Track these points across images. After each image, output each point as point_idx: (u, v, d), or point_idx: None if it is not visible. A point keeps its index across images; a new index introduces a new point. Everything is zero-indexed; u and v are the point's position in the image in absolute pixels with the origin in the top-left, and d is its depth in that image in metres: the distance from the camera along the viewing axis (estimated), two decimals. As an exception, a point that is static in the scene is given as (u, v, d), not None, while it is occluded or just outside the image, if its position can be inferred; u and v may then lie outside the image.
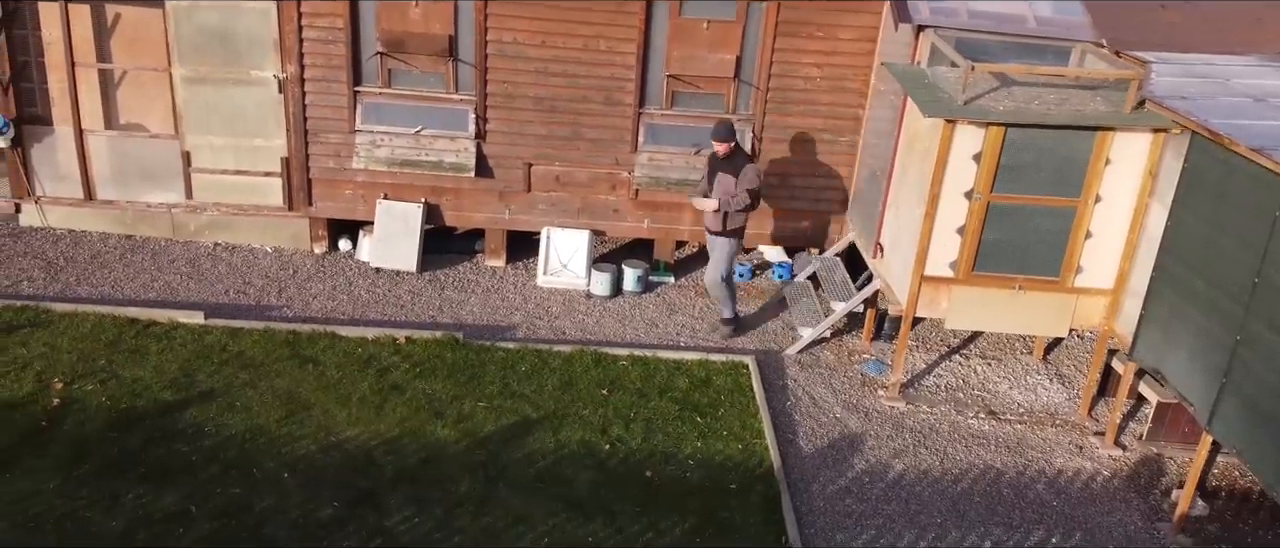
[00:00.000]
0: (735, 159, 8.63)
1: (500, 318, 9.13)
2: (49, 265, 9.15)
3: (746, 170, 8.62)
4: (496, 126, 9.63)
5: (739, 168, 8.60)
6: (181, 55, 9.35)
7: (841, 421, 8.00)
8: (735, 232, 8.84)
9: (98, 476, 6.33)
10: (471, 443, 7.09)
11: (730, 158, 8.62)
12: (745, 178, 8.61)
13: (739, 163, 8.63)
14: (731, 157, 8.63)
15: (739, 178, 8.59)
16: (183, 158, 9.71)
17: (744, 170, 8.61)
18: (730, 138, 8.59)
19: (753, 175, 8.65)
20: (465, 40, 9.33)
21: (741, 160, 8.65)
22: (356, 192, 9.84)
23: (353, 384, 7.62)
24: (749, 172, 8.64)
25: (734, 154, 8.65)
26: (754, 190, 8.66)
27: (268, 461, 6.65)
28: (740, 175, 8.59)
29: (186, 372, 7.54)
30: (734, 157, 8.65)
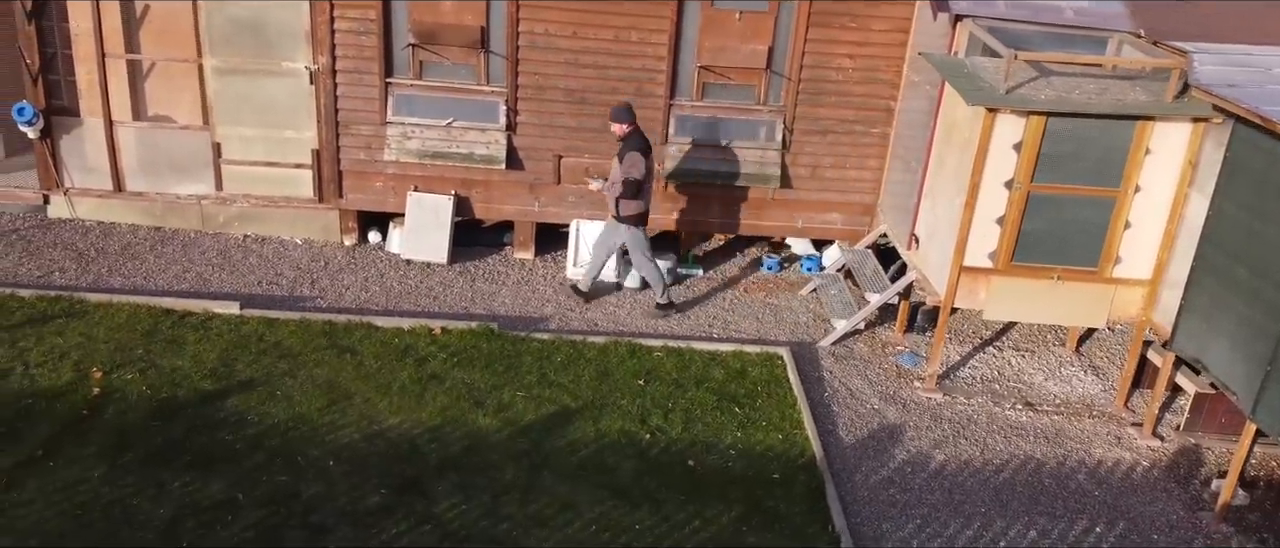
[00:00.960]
0: (627, 142, 8.55)
1: (532, 309, 9.11)
2: (80, 257, 9.14)
3: (627, 158, 8.51)
4: (527, 119, 9.61)
5: (624, 153, 8.51)
6: (213, 46, 9.34)
7: (880, 411, 7.97)
8: (629, 218, 8.76)
9: (142, 464, 6.31)
10: (513, 432, 7.07)
11: (624, 141, 8.56)
12: (624, 165, 8.50)
13: (626, 148, 8.55)
14: (625, 140, 8.52)
15: (621, 164, 8.50)
16: (213, 149, 9.70)
17: (625, 157, 8.51)
18: (622, 120, 8.51)
19: (629, 163, 8.52)
20: (497, 32, 9.30)
21: (629, 146, 8.56)
22: (387, 184, 9.82)
23: (392, 374, 7.60)
24: (628, 159, 8.52)
25: (628, 137, 8.52)
26: (631, 180, 8.53)
27: (312, 449, 6.63)
28: (623, 162, 8.50)
29: (225, 361, 7.52)
30: (627, 140, 8.52)
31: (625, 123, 8.64)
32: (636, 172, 8.58)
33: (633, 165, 8.56)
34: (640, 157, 8.61)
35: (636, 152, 8.59)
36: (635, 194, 8.71)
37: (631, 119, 8.65)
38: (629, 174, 8.55)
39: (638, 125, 8.77)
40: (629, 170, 8.54)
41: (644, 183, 8.74)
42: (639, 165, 8.59)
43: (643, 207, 8.86)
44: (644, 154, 8.67)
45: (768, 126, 9.73)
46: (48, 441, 6.42)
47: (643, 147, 8.69)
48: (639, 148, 8.65)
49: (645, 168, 8.67)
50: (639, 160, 8.60)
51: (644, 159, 8.65)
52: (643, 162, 8.63)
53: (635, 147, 8.63)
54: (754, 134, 9.75)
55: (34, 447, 6.34)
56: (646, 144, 8.77)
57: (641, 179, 8.65)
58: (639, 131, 8.76)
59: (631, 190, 8.64)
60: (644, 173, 8.66)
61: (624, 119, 8.63)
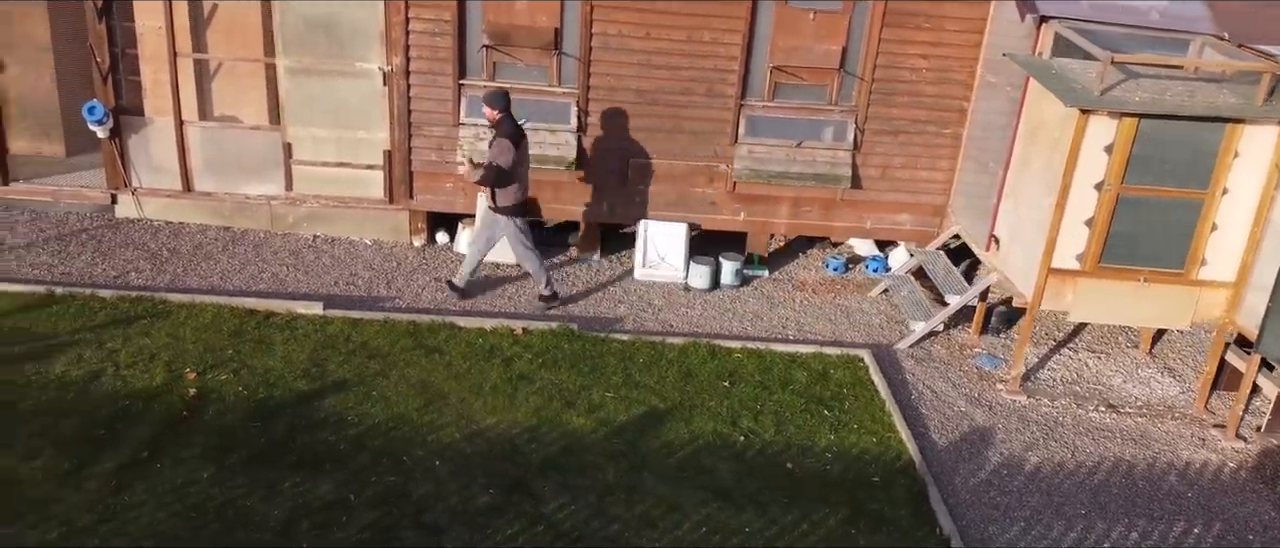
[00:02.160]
0: (498, 129, 8.38)
1: (606, 310, 9.08)
2: (153, 257, 9.13)
3: (496, 144, 8.33)
4: (597, 120, 9.59)
5: (493, 140, 8.38)
6: (286, 46, 9.33)
7: (967, 414, 7.94)
8: (505, 210, 8.57)
9: (249, 465, 6.29)
10: (608, 432, 7.05)
11: (495, 127, 8.40)
12: (491, 152, 8.35)
13: (496, 135, 8.37)
14: (496, 126, 8.38)
15: (490, 150, 8.38)
16: (284, 150, 9.69)
17: (494, 144, 8.34)
18: (495, 105, 8.33)
19: (497, 150, 8.31)
20: (570, 33, 9.29)
21: (499, 132, 8.37)
22: (458, 185, 9.80)
23: (482, 374, 7.58)
24: (497, 146, 8.32)
25: (499, 124, 8.36)
26: (494, 165, 8.30)
27: (416, 449, 6.61)
28: (491, 147, 8.37)
29: (316, 362, 7.51)
30: (498, 126, 8.36)
31: (497, 109, 8.35)
32: (503, 159, 8.29)
33: (500, 152, 8.28)
34: (510, 144, 8.32)
35: (506, 138, 8.31)
36: (506, 182, 8.42)
37: (505, 105, 8.37)
38: (495, 160, 8.29)
39: (510, 112, 8.49)
40: (496, 157, 8.28)
41: (517, 170, 8.44)
42: (507, 153, 8.29)
43: (520, 196, 8.60)
44: (514, 142, 8.37)
45: (839, 127, 9.71)
46: (149, 442, 6.40)
47: (514, 134, 8.41)
48: (508, 135, 8.36)
49: (515, 155, 8.36)
50: (507, 148, 8.30)
51: (514, 147, 8.35)
52: (512, 149, 8.33)
53: (505, 133, 8.35)
54: (825, 134, 9.73)
55: (137, 449, 6.32)
56: (519, 132, 8.49)
57: (509, 167, 8.35)
58: (511, 118, 8.48)
59: (501, 178, 8.36)
60: (512, 160, 8.34)
61: (496, 105, 8.35)
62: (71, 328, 7.61)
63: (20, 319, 7.68)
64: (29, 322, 7.65)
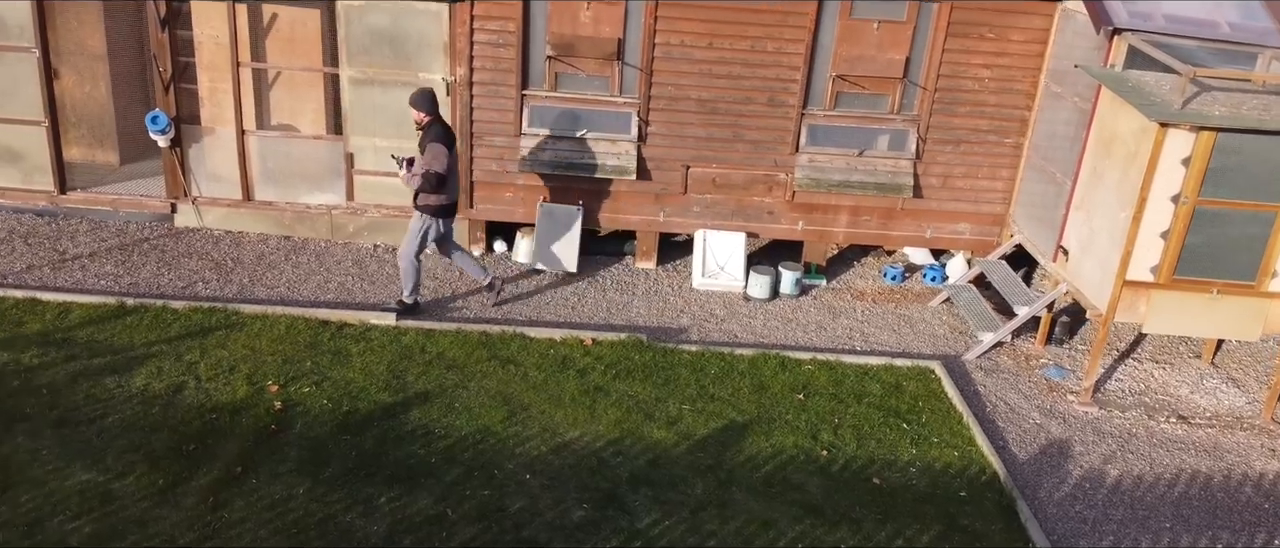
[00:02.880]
0: (428, 132, 8.16)
1: (669, 320, 9.08)
2: (217, 267, 9.13)
3: (429, 149, 8.11)
4: (657, 129, 9.59)
5: (425, 145, 8.16)
6: (351, 57, 9.32)
7: (1042, 426, 7.94)
8: (426, 209, 8.32)
9: (344, 479, 6.29)
10: (690, 446, 7.04)
11: (425, 130, 8.20)
12: (426, 158, 8.12)
13: (427, 139, 8.15)
14: (425, 129, 8.19)
15: (423, 156, 8.16)
16: (346, 160, 9.68)
17: (428, 149, 8.11)
18: (422, 107, 8.13)
19: (432, 155, 8.08)
20: (633, 43, 9.28)
21: (431, 136, 8.15)
22: (516, 194, 9.80)
23: (559, 386, 7.58)
24: (431, 151, 8.09)
25: (429, 126, 8.15)
26: (433, 173, 8.08)
27: (505, 462, 6.60)
28: (424, 153, 8.14)
29: (395, 373, 7.51)
30: (428, 129, 8.15)
31: (425, 111, 8.13)
32: (439, 164, 8.08)
33: (435, 157, 8.06)
34: (443, 148, 8.10)
35: (439, 142, 8.10)
36: (438, 188, 8.23)
37: (433, 108, 8.15)
38: (431, 167, 8.08)
39: (439, 114, 8.27)
40: (431, 163, 8.07)
41: (447, 176, 8.22)
42: (442, 158, 8.08)
43: (445, 199, 8.35)
44: (447, 145, 8.16)
45: (901, 136, 9.71)
46: (241, 457, 6.40)
47: (445, 137, 8.19)
48: (440, 138, 8.14)
49: (449, 161, 8.17)
50: (442, 153, 8.08)
51: (448, 151, 8.15)
52: (446, 154, 8.12)
53: (437, 136, 8.13)
54: (887, 143, 9.73)
55: (229, 464, 6.32)
56: (450, 135, 8.30)
57: (445, 171, 8.14)
58: (441, 120, 8.26)
59: (435, 183, 8.16)
60: (447, 166, 8.15)
61: (424, 107, 8.12)
62: (147, 340, 7.61)
63: (95, 331, 7.67)
64: (104, 334, 7.65)
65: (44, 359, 7.21)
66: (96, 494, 5.92)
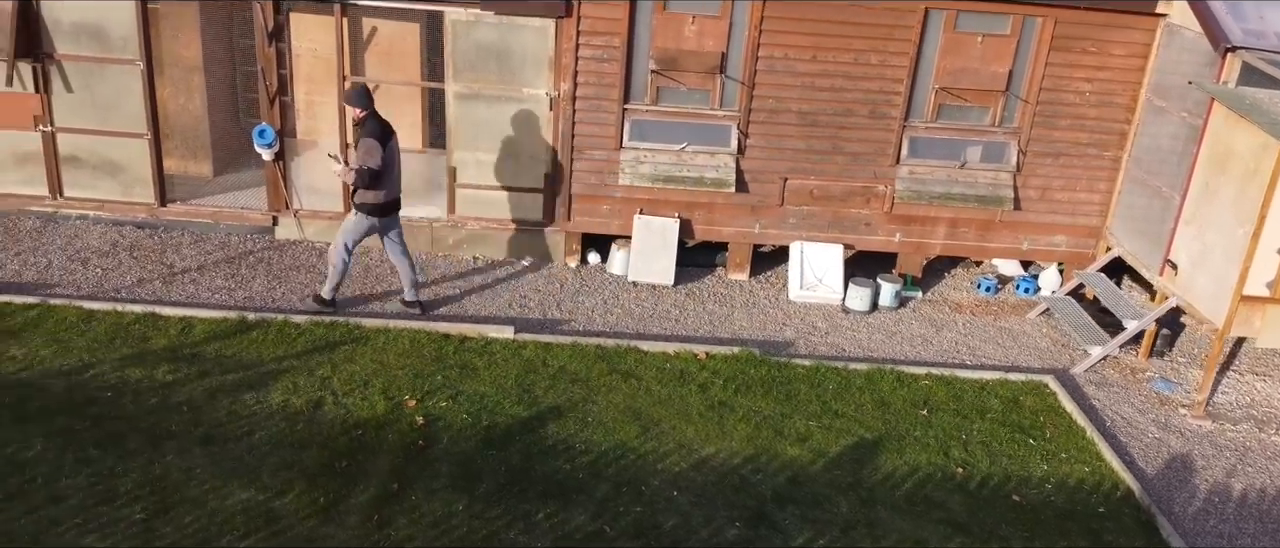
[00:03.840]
0: (363, 128, 8.05)
1: (773, 333, 9.12)
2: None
3: (362, 145, 7.99)
4: (756, 142, 9.62)
5: (359, 140, 8.05)
6: (456, 71, 9.36)
7: (1162, 440, 7.96)
8: (363, 207, 8.22)
9: (499, 495, 6.33)
10: (826, 463, 7.07)
11: (360, 126, 8.09)
12: (359, 153, 8.02)
13: (362, 135, 8.03)
14: (361, 125, 8.07)
15: (356, 151, 8.07)
16: (449, 173, 9.73)
17: (361, 144, 8.01)
18: (357, 103, 8.03)
19: (364, 151, 7.97)
20: (735, 57, 9.33)
21: (364, 132, 8.03)
22: (613, 207, 9.84)
23: (683, 401, 7.62)
24: (363, 147, 7.98)
25: (363, 122, 8.04)
26: (364, 169, 7.99)
27: (650, 478, 6.64)
28: (358, 149, 8.05)
29: (523, 386, 7.55)
30: (363, 125, 8.04)
31: (361, 107, 8.02)
32: (372, 160, 7.97)
33: (367, 153, 7.95)
34: (376, 143, 7.98)
35: (372, 138, 7.99)
36: (373, 183, 8.11)
37: (368, 103, 8.03)
38: (363, 163, 7.97)
39: (375, 110, 8.14)
40: (364, 158, 7.97)
41: (383, 172, 8.10)
42: (375, 153, 7.96)
43: (382, 197, 8.23)
44: (381, 141, 8.02)
45: (1001, 148, 9.74)
46: (394, 473, 6.44)
47: (380, 132, 8.06)
48: (374, 134, 8.02)
49: (383, 156, 8.04)
50: (375, 148, 7.96)
51: (380, 146, 8.01)
52: (379, 149, 7.99)
53: (371, 132, 8.02)
54: (987, 156, 9.76)
55: (384, 480, 6.36)
56: (385, 131, 8.14)
57: (378, 167, 8.02)
58: (377, 116, 8.13)
59: (368, 179, 8.05)
60: (381, 162, 8.03)
61: (359, 103, 8.02)
62: (275, 355, 7.66)
63: (221, 347, 7.72)
64: (231, 349, 7.70)
65: (178, 375, 7.27)
66: (260, 513, 5.96)
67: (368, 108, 8.09)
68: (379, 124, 8.11)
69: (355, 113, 8.13)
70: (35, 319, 7.85)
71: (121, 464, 6.25)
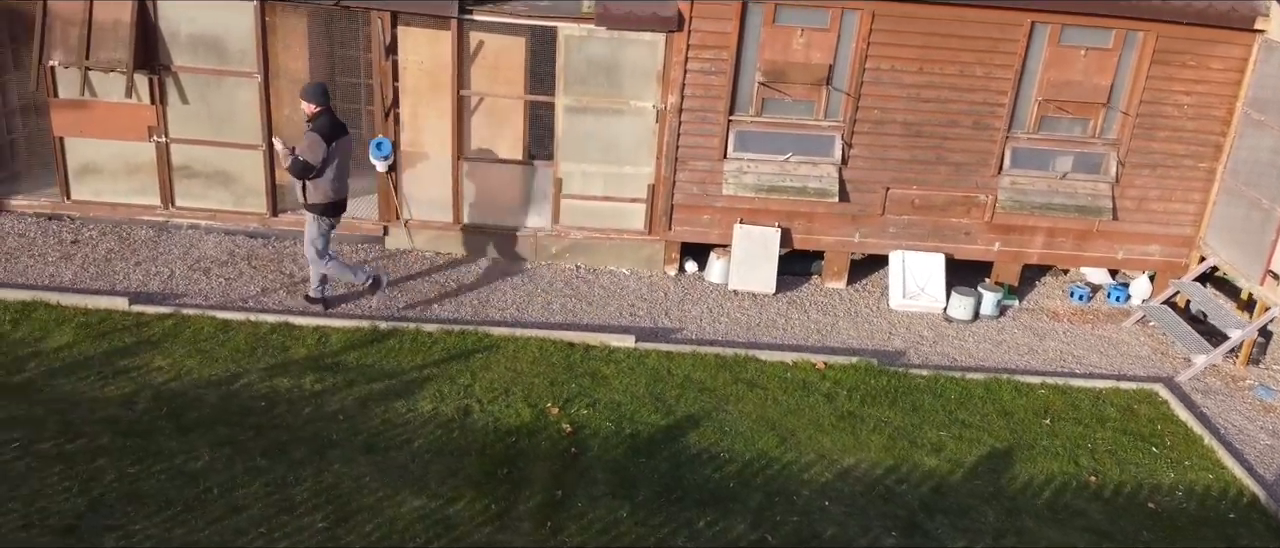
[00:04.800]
0: (313, 124, 8.14)
1: (881, 342, 9.27)
2: (442, 289, 9.34)
3: (306, 137, 8.08)
4: (860, 152, 9.77)
5: (306, 134, 8.13)
6: (567, 85, 9.52)
7: (1274, 447, 8.10)
8: (313, 208, 8.30)
9: (658, 503, 6.48)
10: (964, 473, 7.23)
11: (311, 121, 8.17)
12: (303, 144, 8.09)
13: (309, 130, 8.12)
14: (312, 120, 8.16)
15: (303, 142, 8.14)
16: (555, 184, 9.89)
17: (305, 137, 8.09)
18: (312, 99, 8.11)
19: (306, 145, 8.04)
20: (842, 68, 9.48)
21: (313, 128, 8.11)
22: (714, 216, 10.00)
23: (813, 410, 7.77)
24: (307, 140, 8.06)
25: (315, 118, 8.13)
26: (300, 160, 8.05)
27: (799, 488, 6.80)
28: (304, 140, 8.12)
29: (654, 395, 7.71)
30: (314, 120, 8.14)
31: (315, 103, 8.10)
32: (311, 155, 8.03)
33: (310, 147, 8.03)
34: (320, 140, 8.03)
35: (316, 133, 8.05)
36: (304, 174, 8.14)
37: (323, 100, 8.12)
38: (303, 155, 8.05)
39: (329, 108, 8.24)
40: (305, 152, 8.05)
41: (326, 169, 8.15)
42: (316, 148, 8.02)
43: (331, 196, 8.29)
44: (327, 138, 8.06)
45: (1101, 159, 9.88)
46: (554, 481, 6.60)
47: (327, 130, 8.11)
48: (320, 130, 8.08)
49: (327, 153, 8.07)
50: (318, 144, 8.02)
51: (325, 143, 8.04)
52: (323, 145, 8.03)
53: (317, 128, 8.09)
54: (1087, 167, 9.91)
55: (547, 487, 6.52)
56: (335, 129, 8.21)
57: (318, 163, 8.07)
58: (329, 114, 8.21)
59: (301, 170, 8.11)
60: (323, 158, 8.06)
61: (313, 99, 8.10)
62: (415, 364, 7.83)
63: (360, 355, 7.89)
64: (371, 358, 7.86)
65: (325, 385, 7.43)
66: (436, 521, 6.13)
67: (323, 105, 8.17)
68: (329, 122, 8.20)
69: (309, 109, 8.18)
70: (172, 329, 8.02)
71: (292, 474, 6.42)
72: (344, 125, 8.43)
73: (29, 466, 6.27)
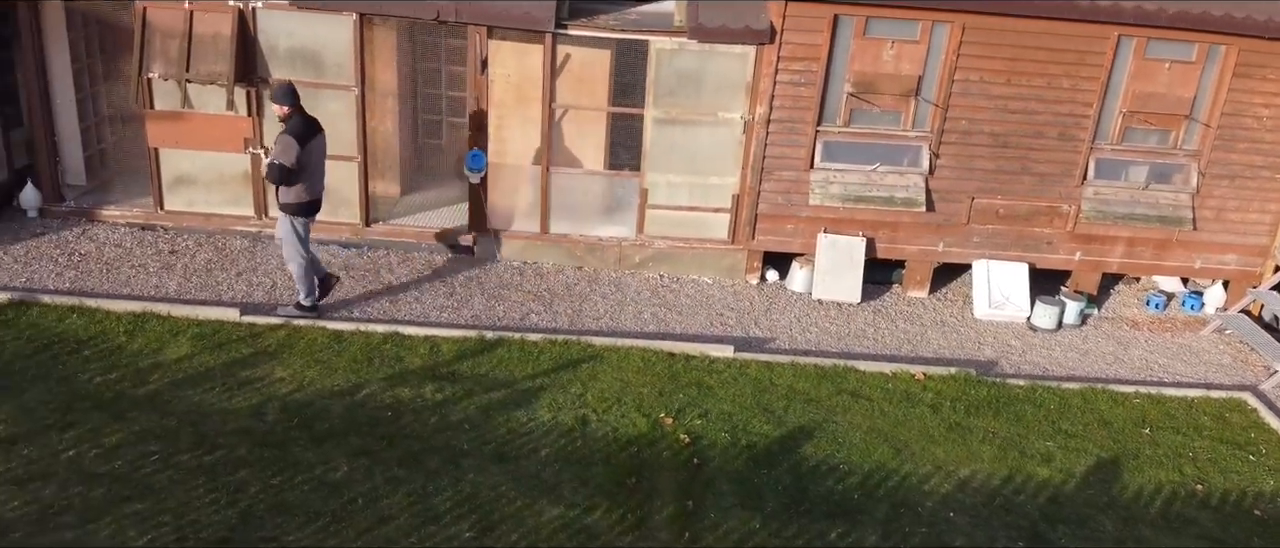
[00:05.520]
0: (286, 125, 8.15)
1: (972, 352, 9.39)
2: (537, 298, 9.48)
3: (279, 141, 8.09)
4: (946, 162, 9.90)
5: (279, 137, 8.14)
6: (656, 98, 9.65)
7: (1369, 456, 8.23)
8: (287, 207, 8.28)
9: (787, 514, 6.60)
10: (1077, 483, 7.34)
11: (284, 122, 8.19)
12: (275, 149, 8.12)
13: (283, 132, 8.13)
14: (285, 122, 8.18)
15: (275, 146, 8.16)
16: (641, 195, 10.03)
17: (278, 140, 8.10)
18: (283, 101, 8.12)
19: (279, 148, 8.06)
20: (931, 80, 9.60)
21: (286, 130, 8.12)
22: (798, 226, 10.13)
23: (921, 421, 7.90)
24: (280, 143, 8.07)
25: (288, 120, 8.15)
26: (278, 164, 8.06)
27: (921, 499, 6.92)
28: (276, 144, 8.14)
29: (762, 406, 7.84)
30: (287, 122, 8.15)
31: (285, 105, 8.12)
32: (285, 158, 8.04)
33: (283, 150, 8.04)
34: (294, 141, 8.03)
35: (290, 136, 8.05)
36: (291, 180, 8.15)
37: (293, 101, 8.13)
38: (277, 159, 8.07)
39: (300, 107, 8.24)
40: (277, 155, 8.07)
41: (300, 172, 8.15)
42: (289, 151, 8.03)
43: (306, 195, 8.30)
44: (300, 140, 8.07)
45: (1182, 170, 10.00)
46: (683, 491, 6.72)
47: (300, 131, 8.13)
48: (294, 132, 8.09)
49: (298, 156, 8.07)
50: (290, 146, 8.03)
51: (298, 145, 8.05)
52: (295, 147, 8.03)
53: (290, 131, 8.09)
54: (1168, 177, 10.02)
55: (677, 497, 6.64)
56: (308, 130, 8.23)
57: (293, 166, 8.07)
58: (301, 115, 8.23)
59: (285, 176, 8.11)
60: (296, 160, 8.06)
61: (283, 100, 8.12)
62: (527, 373, 7.96)
63: (473, 365, 8.02)
64: (483, 368, 7.99)
65: (446, 394, 7.57)
66: (578, 530, 6.26)
67: (293, 105, 8.18)
68: (302, 122, 8.22)
69: (280, 110, 8.20)
70: (286, 340, 8.16)
71: (431, 484, 6.55)
72: (316, 124, 8.43)
73: (172, 478, 6.41)
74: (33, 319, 8.13)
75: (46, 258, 9.30)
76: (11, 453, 6.49)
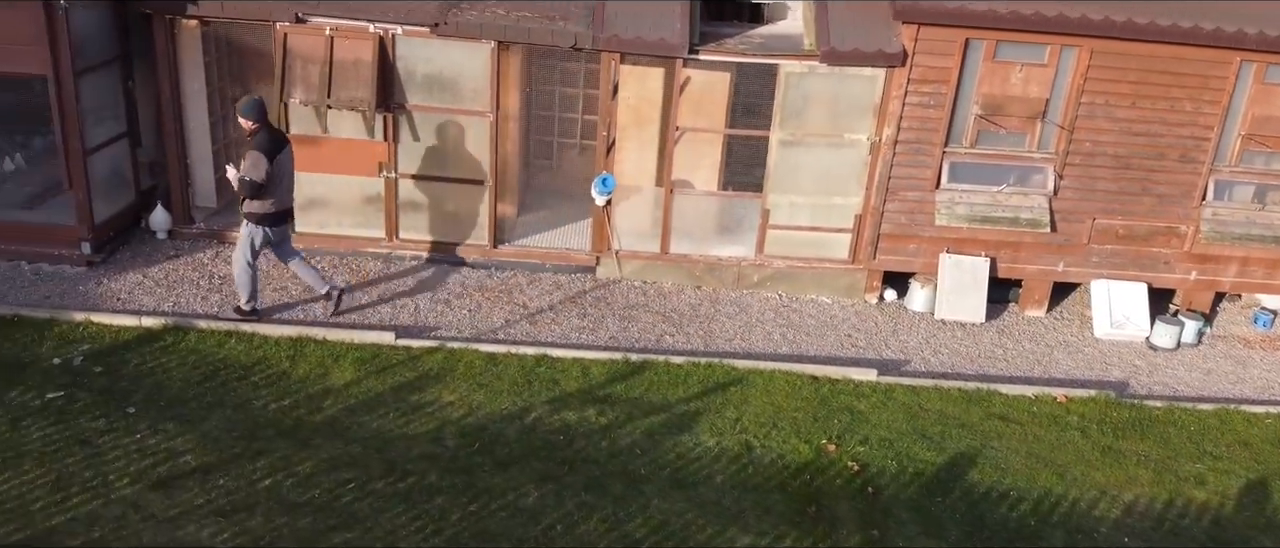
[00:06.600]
0: (253, 140, 8.26)
1: (1100, 372, 9.50)
2: (666, 319, 9.62)
3: (248, 156, 8.23)
4: (1070, 183, 10.01)
5: (247, 152, 8.27)
6: (783, 120, 9.79)
7: None
8: (250, 216, 8.42)
9: (970, 543, 6.73)
10: (1233, 505, 7.46)
11: (251, 137, 8.31)
12: (245, 164, 8.25)
13: (251, 147, 8.25)
14: (252, 136, 8.29)
15: (245, 161, 8.27)
16: (762, 215, 10.17)
17: (247, 156, 8.24)
18: (250, 116, 8.21)
19: (249, 163, 8.20)
20: (1057, 102, 9.71)
21: (253, 144, 8.23)
22: (919, 246, 10.25)
23: (1073, 445, 8.02)
24: (249, 158, 8.21)
25: (254, 134, 8.26)
26: (248, 180, 8.20)
27: (1095, 525, 7.06)
28: (246, 159, 8.25)
29: (917, 431, 7.97)
30: (254, 136, 8.26)
31: (252, 120, 8.22)
32: (256, 173, 8.17)
33: (252, 166, 8.17)
34: (262, 156, 8.16)
35: (258, 151, 8.17)
36: (258, 194, 8.30)
37: (260, 116, 8.23)
38: (247, 175, 8.19)
39: (267, 122, 8.35)
40: (247, 171, 8.18)
41: (269, 184, 8.28)
42: (259, 166, 8.16)
43: (271, 207, 8.42)
44: (268, 154, 8.20)
45: (1301, 192, 10.12)
46: (865, 520, 6.85)
47: (267, 145, 8.23)
48: (261, 147, 8.20)
49: (270, 169, 8.21)
50: (260, 160, 8.15)
51: (266, 159, 8.18)
52: (264, 162, 8.16)
53: (258, 145, 8.20)
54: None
55: (862, 527, 6.77)
56: (276, 144, 8.33)
57: (263, 180, 8.21)
58: (267, 129, 8.32)
59: (251, 190, 8.26)
60: (266, 174, 8.21)
61: (250, 115, 8.21)
62: (680, 396, 8.11)
63: (625, 388, 8.16)
64: (636, 390, 8.13)
65: (609, 419, 7.72)
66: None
67: (260, 121, 8.29)
68: (269, 137, 8.33)
69: (247, 125, 8.31)
70: (444, 363, 8.32)
71: (621, 510, 6.71)
72: (283, 135, 8.60)
73: (372, 506, 6.57)
74: (192, 344, 8.31)
75: (188, 281, 9.48)
76: (209, 484, 6.66)
